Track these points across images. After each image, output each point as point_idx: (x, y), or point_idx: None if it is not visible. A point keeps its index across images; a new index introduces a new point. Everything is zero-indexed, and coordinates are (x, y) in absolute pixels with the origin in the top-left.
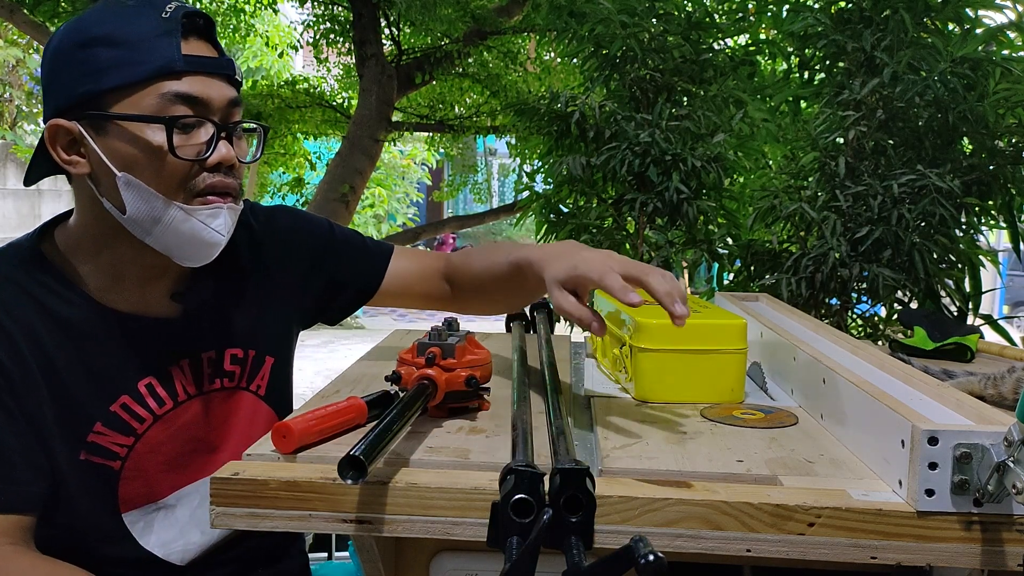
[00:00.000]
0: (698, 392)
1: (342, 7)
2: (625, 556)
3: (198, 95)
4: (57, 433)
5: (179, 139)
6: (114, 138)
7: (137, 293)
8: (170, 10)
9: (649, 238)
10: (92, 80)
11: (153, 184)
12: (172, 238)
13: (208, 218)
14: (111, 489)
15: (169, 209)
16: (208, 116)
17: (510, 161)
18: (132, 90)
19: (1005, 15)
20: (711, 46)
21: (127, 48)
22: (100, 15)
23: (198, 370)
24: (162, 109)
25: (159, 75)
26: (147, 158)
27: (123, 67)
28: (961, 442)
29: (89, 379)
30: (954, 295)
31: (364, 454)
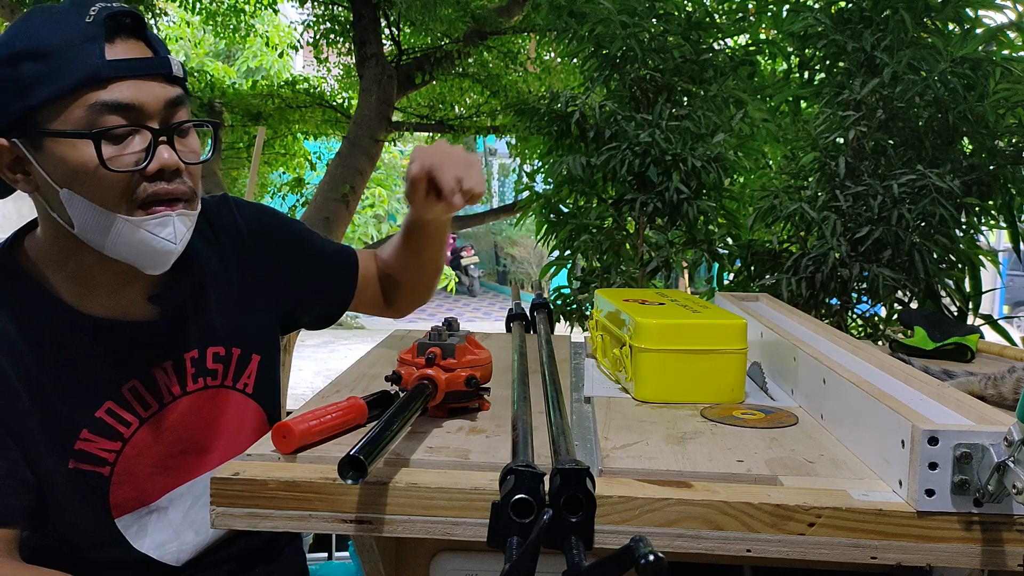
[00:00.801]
0: (698, 392)
1: (342, 7)
2: (625, 556)
3: (129, 101)
4: (43, 443)
5: (112, 150)
6: (50, 155)
7: (112, 298)
8: (94, 12)
9: (649, 238)
10: (21, 97)
11: (94, 198)
12: (124, 249)
13: (156, 227)
14: (102, 495)
15: (115, 222)
16: (143, 123)
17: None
18: (60, 104)
19: (1005, 15)
20: (711, 46)
21: (51, 60)
22: (26, 25)
23: (181, 370)
24: (91, 121)
25: (84, 85)
26: (83, 174)
27: (48, 80)
28: (961, 442)
29: (72, 387)
30: (954, 295)
31: (364, 454)
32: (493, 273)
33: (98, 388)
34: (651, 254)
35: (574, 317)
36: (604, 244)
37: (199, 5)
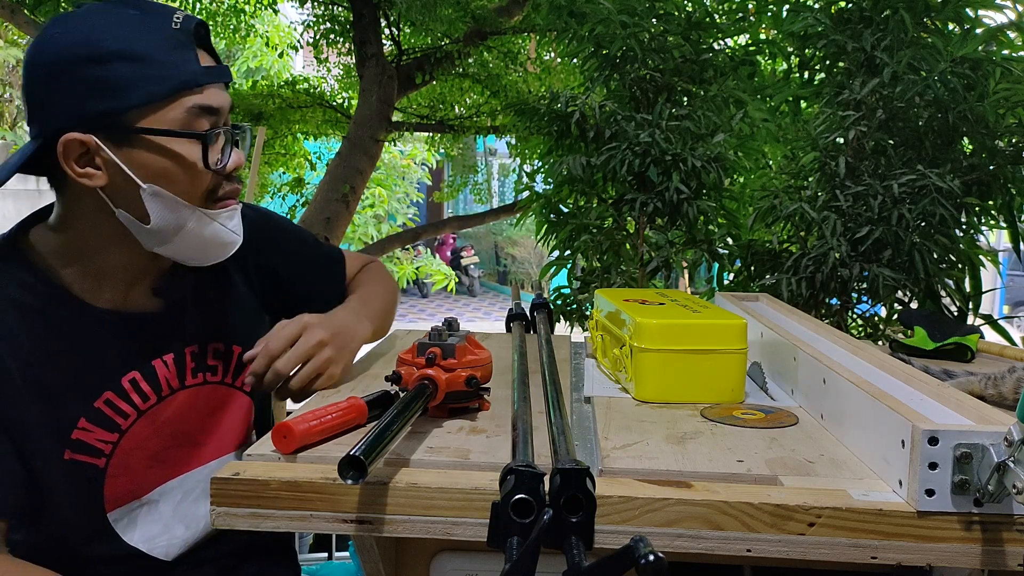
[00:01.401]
0: (698, 392)
1: (342, 7)
2: (625, 556)
3: (218, 106)
4: (40, 432)
5: (212, 152)
6: (140, 151)
7: (120, 291)
8: (179, 20)
9: (649, 238)
10: (114, 97)
11: (183, 195)
12: (192, 242)
13: (226, 220)
14: (97, 488)
15: (193, 216)
16: (221, 125)
17: (510, 161)
18: (157, 105)
19: (1005, 15)
20: (711, 46)
21: (147, 63)
22: (107, 27)
23: (181, 364)
24: (189, 123)
25: (183, 89)
26: (177, 170)
27: (148, 82)
28: (961, 442)
29: (72, 376)
30: (954, 295)
31: (364, 454)
32: (493, 273)
33: (99, 378)
34: (651, 254)
35: (574, 317)
36: (604, 244)
37: (199, 5)
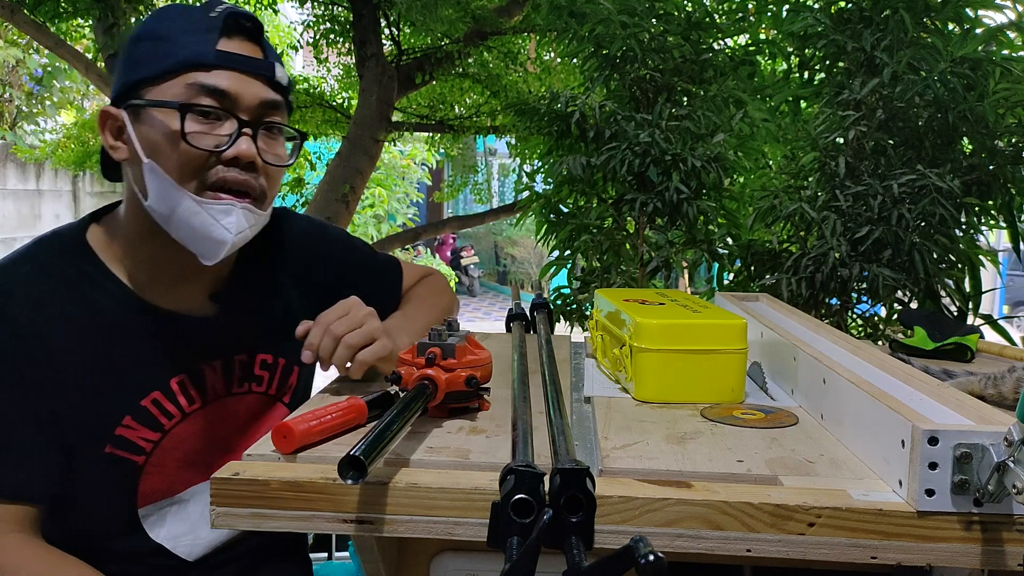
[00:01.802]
0: (698, 392)
1: (342, 7)
2: (625, 556)
3: (226, 89)
4: (85, 425)
5: (198, 127)
6: (144, 125)
7: (174, 291)
8: (219, 10)
9: (649, 238)
10: (133, 70)
11: (170, 171)
12: (186, 230)
13: (219, 213)
14: (132, 484)
15: (183, 199)
16: (234, 111)
17: (510, 161)
18: (163, 79)
19: (1005, 15)
20: (711, 46)
21: (165, 42)
22: (155, 15)
23: (229, 372)
24: (185, 98)
25: (188, 66)
26: (165, 144)
27: (158, 58)
28: (961, 442)
29: (122, 372)
30: (954, 295)
31: (364, 454)
32: (493, 273)
33: (149, 377)
34: (651, 254)
35: (574, 317)
36: (604, 244)
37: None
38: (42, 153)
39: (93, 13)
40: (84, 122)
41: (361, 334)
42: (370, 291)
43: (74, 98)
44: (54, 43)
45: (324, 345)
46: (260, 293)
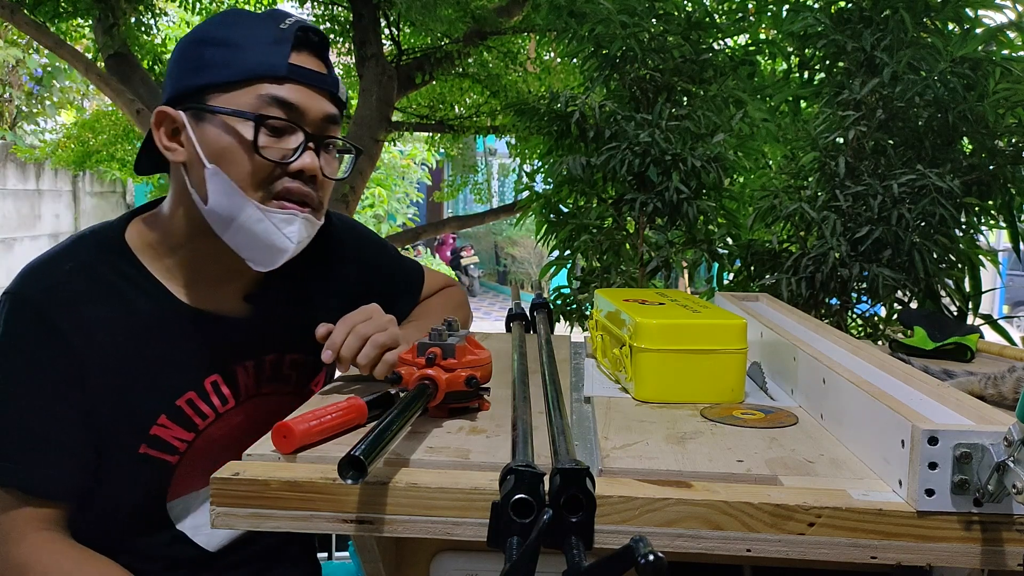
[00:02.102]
0: (698, 392)
1: (342, 7)
2: (625, 556)
3: (295, 102)
4: (120, 424)
5: (267, 140)
6: (209, 130)
7: (212, 292)
8: (289, 23)
9: (649, 238)
10: (198, 74)
11: (236, 178)
12: (245, 237)
13: (282, 222)
14: (164, 483)
15: (246, 207)
16: (301, 124)
17: (510, 161)
18: (233, 87)
19: (1005, 15)
20: (711, 46)
21: (236, 49)
22: (222, 19)
23: (260, 372)
24: (257, 108)
25: (260, 77)
26: (234, 152)
27: (228, 65)
28: (961, 442)
29: (159, 371)
30: (954, 295)
31: (364, 454)
32: (493, 273)
33: (184, 377)
34: (651, 254)
35: (574, 317)
36: (604, 244)
37: (199, 5)
38: (42, 153)
39: (93, 13)
40: (84, 122)
41: (387, 335)
42: (393, 295)
43: (74, 98)
44: (54, 43)
45: (349, 344)
46: (292, 294)
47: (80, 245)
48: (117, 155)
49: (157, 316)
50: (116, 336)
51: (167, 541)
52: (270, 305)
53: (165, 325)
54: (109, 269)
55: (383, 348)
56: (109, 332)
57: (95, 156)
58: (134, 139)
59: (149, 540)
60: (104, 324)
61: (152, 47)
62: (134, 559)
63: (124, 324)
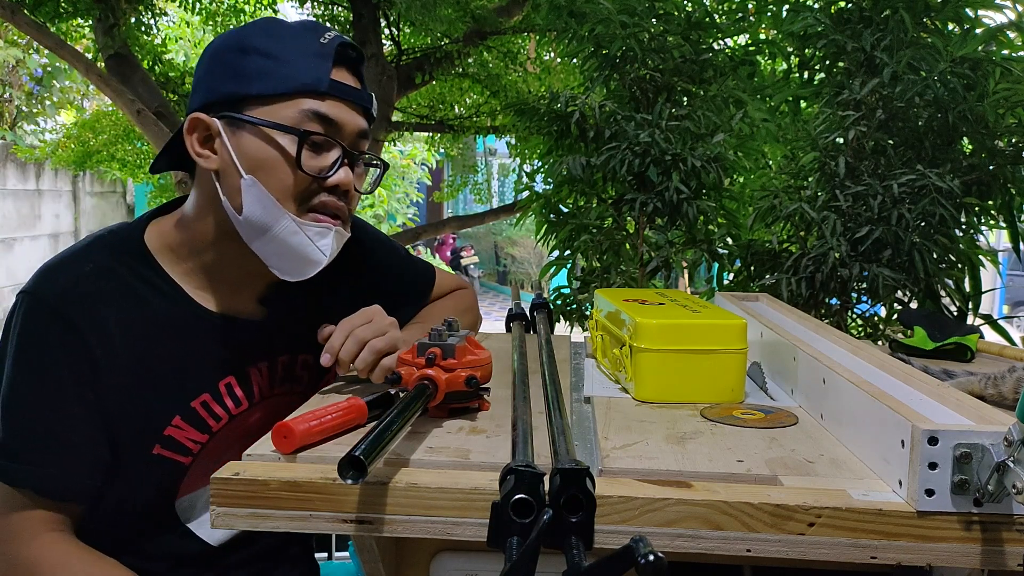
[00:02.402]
0: (698, 392)
1: (342, 7)
2: (625, 556)
3: (334, 118)
4: (135, 425)
5: (307, 155)
6: (247, 140)
7: (229, 295)
8: (329, 37)
9: (649, 238)
10: (238, 83)
11: (274, 190)
12: (278, 248)
13: (316, 236)
14: (175, 483)
15: (282, 219)
16: (338, 139)
17: (510, 161)
18: (275, 100)
19: (1005, 15)
20: (711, 46)
21: (279, 62)
22: (263, 28)
23: (274, 373)
24: (299, 123)
25: (303, 91)
26: (273, 165)
27: (271, 77)
28: (961, 442)
29: (175, 373)
30: (954, 295)
31: (364, 454)
32: (493, 273)
33: (199, 378)
34: (651, 254)
35: (574, 317)
36: (604, 244)
37: (199, 5)
38: (42, 153)
39: (93, 13)
40: (84, 122)
41: (385, 340)
42: (402, 297)
43: (74, 98)
44: (54, 43)
45: (347, 348)
46: (305, 295)
47: (98, 246)
48: (117, 155)
49: (174, 318)
50: (132, 337)
51: (173, 537)
52: (284, 307)
53: (181, 327)
54: (127, 271)
55: (380, 354)
56: (125, 333)
57: (95, 156)
58: (134, 139)
59: (156, 537)
60: (120, 325)
61: (152, 47)
62: (140, 557)
63: (140, 325)
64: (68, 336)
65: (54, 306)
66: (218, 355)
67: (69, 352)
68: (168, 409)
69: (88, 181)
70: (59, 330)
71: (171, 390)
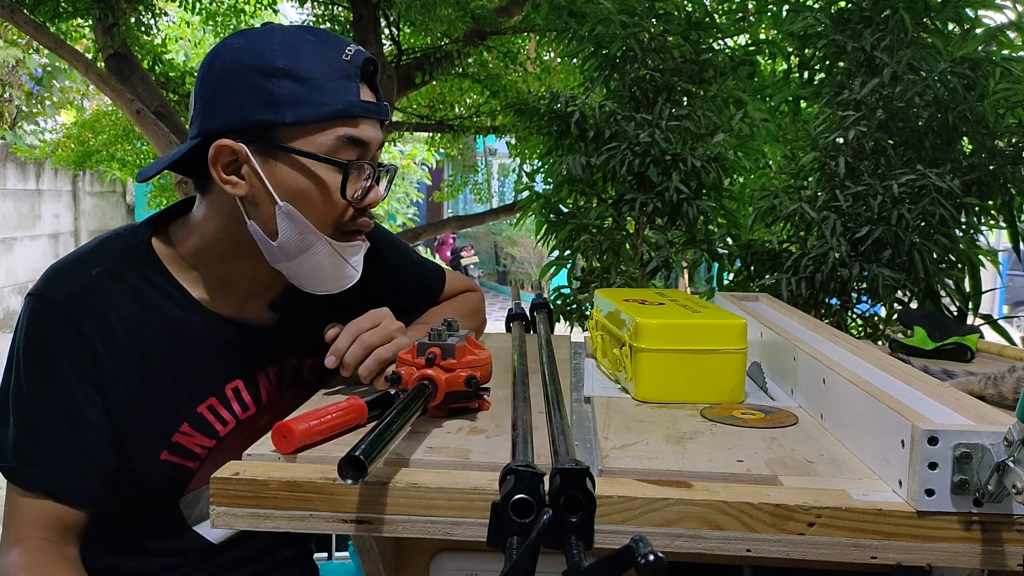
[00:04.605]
0: (698, 392)
1: (342, 7)
2: (625, 556)
3: (366, 140)
4: (143, 430)
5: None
6: (283, 169)
7: (239, 302)
8: (350, 53)
9: (649, 238)
10: (272, 110)
11: (315, 220)
12: (311, 268)
13: (349, 254)
14: (182, 487)
15: (317, 242)
16: (368, 159)
17: (510, 161)
18: (311, 128)
19: (1005, 15)
20: (711, 46)
21: (311, 86)
22: (283, 45)
23: (281, 377)
24: (335, 150)
25: (339, 118)
26: (313, 194)
27: (306, 104)
28: (961, 442)
29: (182, 378)
30: (954, 295)
31: (364, 454)
32: (493, 273)
33: (206, 383)
34: (651, 254)
35: (574, 317)
36: (604, 244)
37: (199, 5)
38: (42, 153)
39: (93, 13)
40: (84, 122)
41: (391, 348)
42: (411, 299)
43: (74, 98)
44: (54, 43)
45: (353, 352)
46: (314, 300)
47: (105, 249)
48: (117, 155)
49: (181, 322)
50: (139, 340)
51: (175, 535)
52: (293, 312)
53: (189, 332)
54: (135, 274)
55: (385, 363)
56: (132, 336)
57: (95, 156)
58: (134, 139)
59: (158, 535)
60: (128, 328)
61: (152, 47)
62: (141, 554)
63: (148, 329)
64: (75, 338)
65: (62, 308)
66: (226, 360)
67: (76, 354)
68: (176, 415)
69: (88, 181)
70: (66, 332)
71: (178, 395)
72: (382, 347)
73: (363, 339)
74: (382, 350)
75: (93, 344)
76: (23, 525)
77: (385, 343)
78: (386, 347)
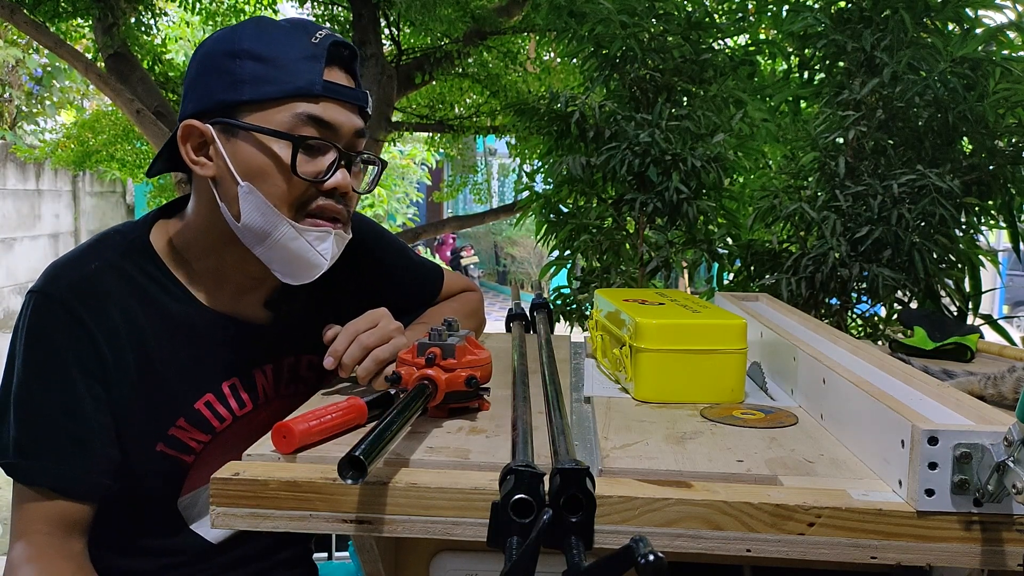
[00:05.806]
0: (698, 392)
1: (342, 7)
2: (625, 556)
3: (329, 120)
4: (140, 423)
5: (302, 159)
6: (242, 147)
7: (235, 298)
8: (320, 36)
9: (649, 238)
10: (232, 89)
11: (271, 197)
12: (278, 253)
13: (316, 240)
14: (178, 481)
15: (281, 225)
16: (334, 142)
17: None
18: (268, 105)
19: (1005, 15)
20: (711, 46)
21: (272, 65)
22: (253, 30)
23: (278, 375)
24: (293, 127)
25: (297, 95)
26: (269, 172)
27: (264, 82)
28: (961, 442)
29: (180, 374)
30: (954, 295)
31: (364, 454)
32: (493, 273)
33: (203, 379)
34: (651, 254)
35: (574, 317)
36: (604, 244)
37: (199, 5)
38: (42, 153)
39: (93, 13)
40: (84, 122)
41: (389, 349)
42: (409, 298)
43: (74, 98)
44: (54, 43)
45: (351, 353)
46: (311, 297)
47: (105, 244)
48: (117, 155)
49: (180, 318)
50: (140, 335)
51: (174, 535)
52: (290, 309)
53: (189, 327)
54: (135, 269)
55: (382, 364)
56: (133, 330)
57: (95, 156)
58: (134, 139)
59: (158, 535)
60: (128, 322)
61: (152, 47)
62: (141, 554)
63: (148, 323)
64: (77, 332)
65: (63, 303)
66: (223, 357)
67: (78, 348)
68: (172, 409)
69: (88, 181)
70: (68, 325)
71: (175, 390)
72: (380, 348)
73: (361, 340)
74: (380, 351)
75: (95, 337)
76: (27, 520)
77: (383, 344)
78: (384, 348)
